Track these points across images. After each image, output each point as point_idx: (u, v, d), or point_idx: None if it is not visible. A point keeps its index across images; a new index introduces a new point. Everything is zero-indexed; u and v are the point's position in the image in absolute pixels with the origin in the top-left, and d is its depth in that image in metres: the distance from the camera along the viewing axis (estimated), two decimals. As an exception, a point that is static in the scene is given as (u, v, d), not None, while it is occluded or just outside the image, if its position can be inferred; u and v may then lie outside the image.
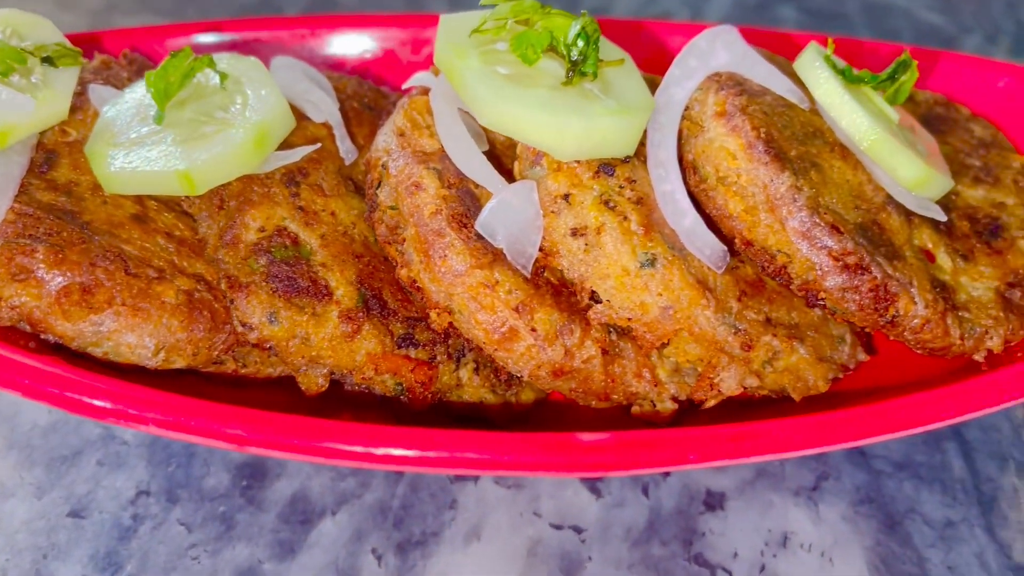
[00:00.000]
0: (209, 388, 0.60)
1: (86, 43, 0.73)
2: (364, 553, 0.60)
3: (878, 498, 0.65)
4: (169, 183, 0.55)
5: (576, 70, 0.56)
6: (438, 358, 0.60)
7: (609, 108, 0.56)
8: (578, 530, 0.62)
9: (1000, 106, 0.76)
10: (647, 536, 0.62)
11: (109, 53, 0.73)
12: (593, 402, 0.61)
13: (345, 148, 0.64)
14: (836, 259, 0.54)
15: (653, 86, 0.67)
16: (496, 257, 0.56)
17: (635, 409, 0.60)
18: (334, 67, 0.79)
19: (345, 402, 0.61)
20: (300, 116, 0.64)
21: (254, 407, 0.58)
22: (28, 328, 0.54)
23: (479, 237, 0.56)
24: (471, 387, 0.61)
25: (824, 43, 0.67)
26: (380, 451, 0.46)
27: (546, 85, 0.57)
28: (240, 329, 0.55)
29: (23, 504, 0.62)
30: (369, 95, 0.72)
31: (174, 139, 0.56)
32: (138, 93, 0.62)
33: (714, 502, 0.65)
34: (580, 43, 0.56)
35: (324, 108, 0.64)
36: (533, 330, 0.55)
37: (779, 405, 0.61)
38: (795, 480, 0.66)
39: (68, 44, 0.64)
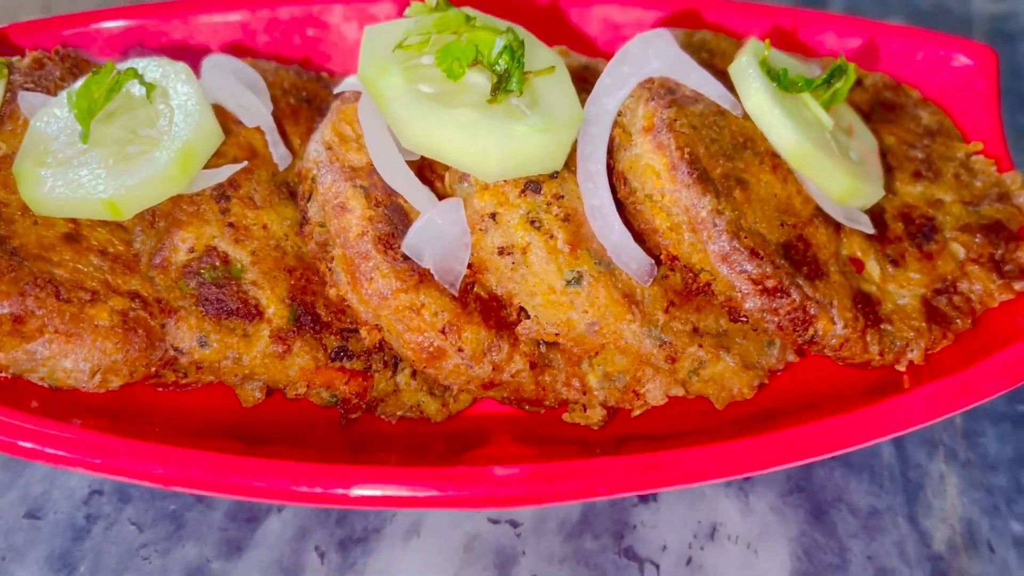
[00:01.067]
0: (150, 395, 0.61)
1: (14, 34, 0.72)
2: (308, 551, 0.63)
3: (808, 487, 0.68)
4: (95, 210, 0.56)
5: (500, 88, 0.56)
6: (374, 367, 0.61)
7: (535, 126, 0.56)
8: (514, 524, 0.65)
9: (953, 86, 0.75)
10: (580, 530, 0.65)
11: (40, 45, 0.71)
12: (526, 407, 0.62)
13: (279, 154, 0.64)
14: (755, 283, 0.55)
15: (591, 73, 0.67)
16: (423, 278, 0.56)
17: (566, 416, 0.62)
18: (273, 46, 0.77)
19: (287, 406, 0.63)
20: (233, 121, 0.64)
21: (196, 414, 0.60)
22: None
23: (405, 258, 0.56)
24: (409, 391, 0.63)
25: (770, 31, 0.66)
26: (301, 489, 0.48)
27: (471, 103, 0.56)
28: (172, 352, 0.57)
29: (-19, 505, 0.65)
30: (308, 87, 0.71)
31: (100, 161, 0.56)
32: (61, 103, 0.61)
33: (647, 494, 0.67)
34: (505, 59, 0.56)
35: (257, 113, 0.63)
36: (460, 350, 0.56)
37: (707, 411, 0.62)
38: (728, 470, 0.68)
39: (-6, 58, 0.63)
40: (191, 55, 0.71)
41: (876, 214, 0.63)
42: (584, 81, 0.67)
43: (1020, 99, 0.96)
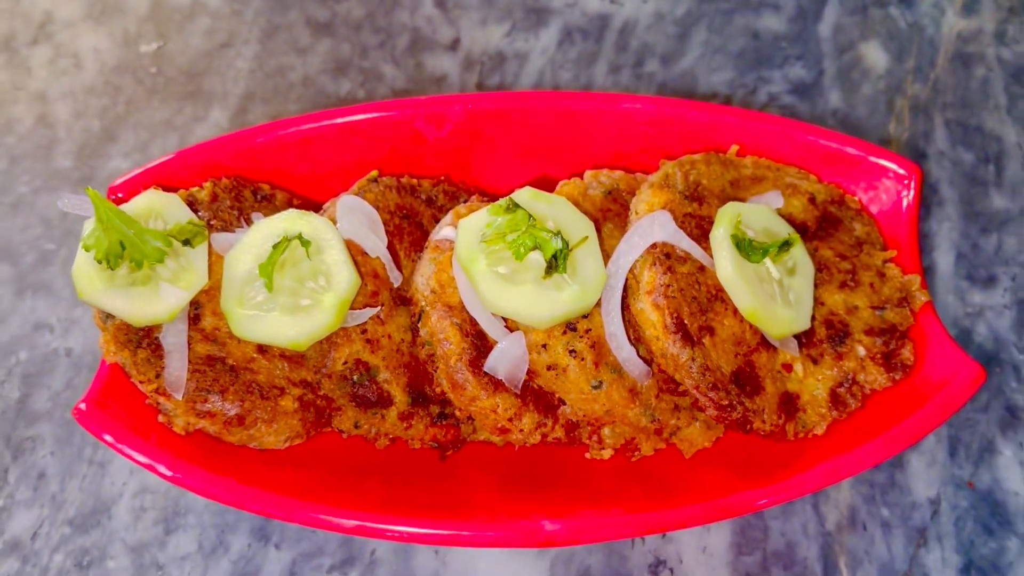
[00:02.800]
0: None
1: (169, 173, 0.97)
2: (417, 527, 0.98)
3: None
4: (282, 343, 0.85)
5: (552, 270, 0.83)
6: (460, 423, 0.93)
7: (573, 295, 0.83)
8: (551, 509, 0.98)
9: (887, 190, 1.00)
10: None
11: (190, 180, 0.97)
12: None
13: (394, 276, 0.92)
14: (713, 402, 0.84)
15: (615, 198, 0.93)
16: (497, 386, 0.86)
17: (587, 454, 0.94)
18: (366, 151, 1.02)
19: (403, 453, 0.95)
20: (360, 252, 0.91)
21: (344, 454, 0.92)
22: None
23: (486, 374, 0.86)
24: (482, 433, 0.95)
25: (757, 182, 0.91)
26: (378, 526, 0.81)
27: (531, 278, 0.83)
28: (339, 431, 0.88)
29: (201, 492, 0.99)
30: (406, 203, 0.97)
31: (281, 310, 0.85)
32: (244, 255, 0.88)
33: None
34: (555, 252, 0.82)
35: (377, 249, 0.90)
36: (521, 430, 0.88)
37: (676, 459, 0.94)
38: (696, 469, 1.01)
39: (196, 220, 0.89)
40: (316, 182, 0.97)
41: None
42: (615, 203, 0.94)
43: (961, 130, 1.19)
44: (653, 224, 0.86)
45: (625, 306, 0.88)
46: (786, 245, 0.87)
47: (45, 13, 1.30)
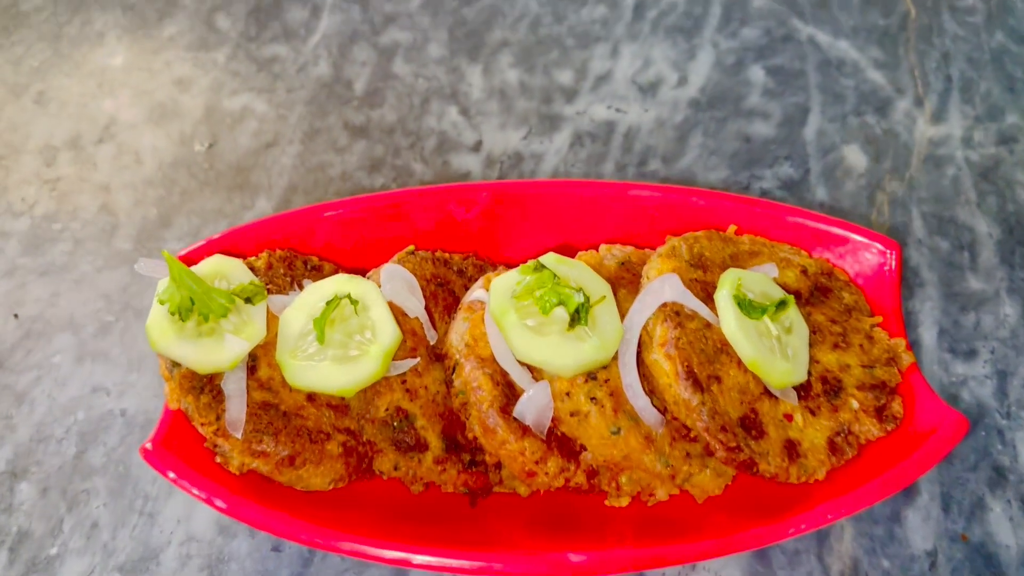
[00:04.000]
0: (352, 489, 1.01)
1: (232, 243, 1.09)
2: None
3: (756, 535, 1.07)
4: (335, 390, 0.94)
5: (574, 324, 0.93)
6: (489, 471, 1.01)
7: (594, 347, 0.93)
8: None
9: (871, 266, 1.11)
10: None
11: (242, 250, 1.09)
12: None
13: (431, 336, 1.01)
14: (722, 443, 0.93)
15: (628, 268, 1.04)
16: (525, 431, 0.95)
17: (607, 501, 1.01)
18: (403, 230, 1.14)
19: (436, 498, 1.02)
20: (401, 313, 1.01)
21: (380, 499, 1.00)
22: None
23: (515, 419, 0.95)
24: (508, 481, 1.02)
25: (752, 257, 1.02)
26: (419, 558, 0.88)
27: (556, 329, 0.94)
28: (379, 473, 0.96)
29: (244, 542, 1.06)
30: (440, 272, 1.08)
31: (331, 360, 0.94)
32: (298, 313, 0.98)
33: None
34: (577, 307, 0.93)
35: (416, 309, 1.01)
36: (546, 473, 0.96)
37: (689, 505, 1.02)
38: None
39: (257, 281, 1.00)
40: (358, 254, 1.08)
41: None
42: (627, 272, 1.05)
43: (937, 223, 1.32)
44: (663, 285, 0.97)
45: (640, 360, 0.98)
46: (782, 304, 0.97)
47: (110, 117, 1.44)
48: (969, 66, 1.54)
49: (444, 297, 1.07)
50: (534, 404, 0.95)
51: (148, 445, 0.93)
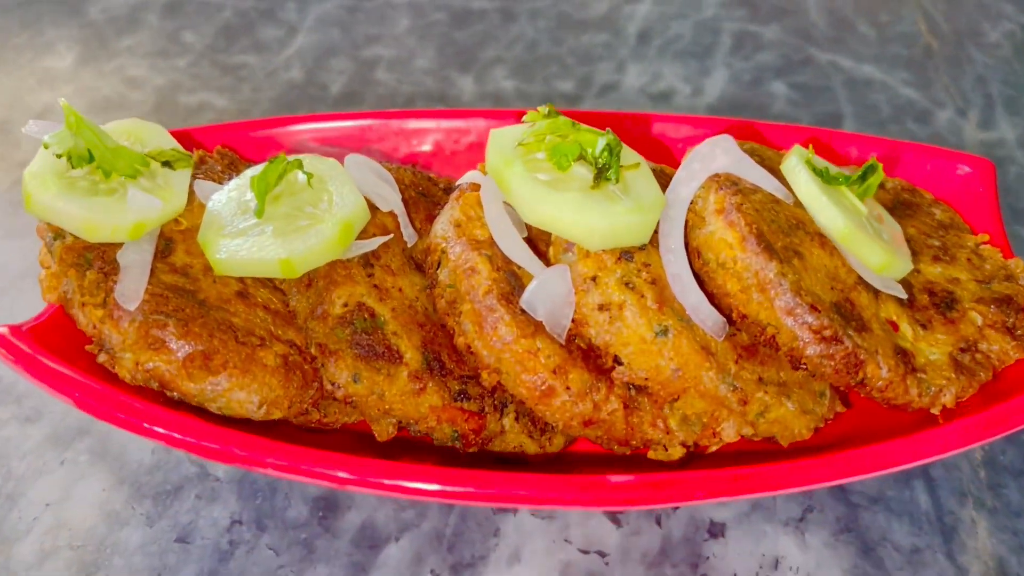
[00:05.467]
0: (297, 434, 0.72)
1: (180, 137, 0.87)
2: (424, 573, 0.72)
3: (855, 528, 0.77)
4: (272, 268, 0.68)
5: (602, 176, 0.69)
6: (486, 409, 0.72)
7: (628, 208, 0.69)
8: (602, 554, 0.74)
9: (959, 191, 0.89)
10: (660, 559, 0.74)
11: (202, 147, 0.86)
12: (615, 447, 0.73)
13: (408, 233, 0.77)
14: (815, 332, 0.66)
15: (661, 177, 0.80)
16: (537, 328, 0.68)
17: (651, 453, 0.72)
18: (389, 155, 0.92)
19: (408, 447, 0.73)
20: (371, 207, 0.77)
21: (334, 450, 0.70)
22: (156, 387, 0.66)
23: (523, 312, 0.68)
24: (512, 433, 0.74)
25: (807, 142, 0.80)
26: (454, 489, 0.58)
27: (577, 188, 0.69)
28: (329, 387, 0.68)
29: (136, 531, 0.74)
30: (422, 183, 0.85)
31: (274, 231, 0.69)
32: (236, 189, 0.75)
33: (716, 531, 0.77)
34: (605, 155, 0.69)
35: (390, 200, 0.77)
36: (568, 388, 0.68)
37: (770, 450, 0.73)
38: (785, 512, 0.78)
39: (181, 149, 0.77)
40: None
41: (905, 287, 0.75)
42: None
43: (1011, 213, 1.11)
44: (715, 149, 0.74)
45: (688, 252, 0.73)
46: (871, 171, 0.74)
47: (45, 106, 1.26)
48: (1007, 87, 1.41)
49: (426, 207, 0.83)
50: (547, 292, 0.69)
51: (3, 330, 0.65)
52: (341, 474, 0.59)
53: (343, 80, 1.33)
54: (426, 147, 0.93)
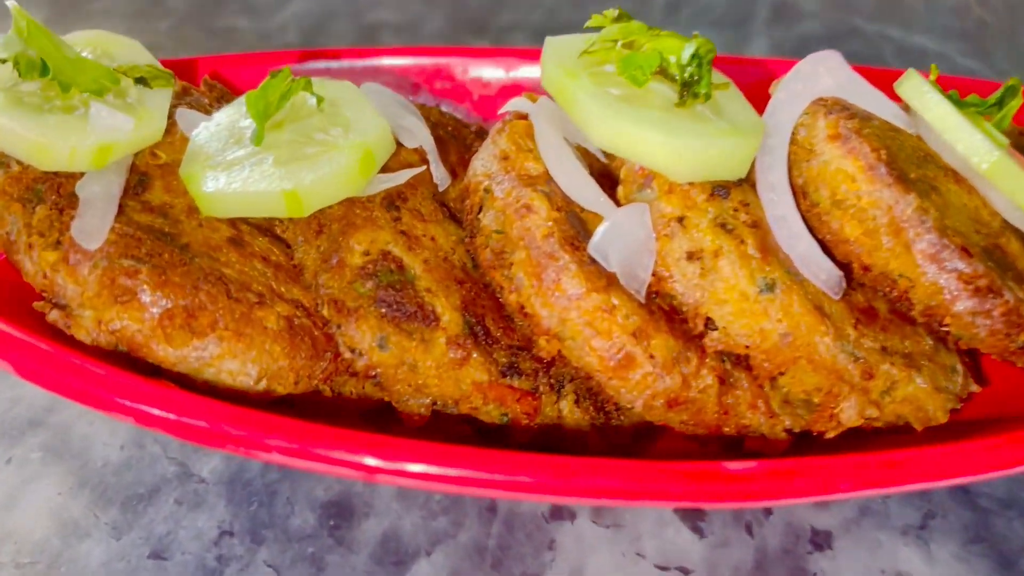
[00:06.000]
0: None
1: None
2: (464, 596, 0.57)
3: (989, 537, 0.63)
4: (273, 204, 0.53)
5: (689, 92, 0.55)
6: (540, 388, 0.57)
7: (723, 129, 0.55)
8: (685, 572, 0.59)
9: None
10: (757, 576, 0.59)
11: (187, 80, 0.71)
12: (700, 431, 0.58)
13: (439, 174, 0.62)
14: (966, 282, 0.52)
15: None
16: (610, 281, 0.54)
17: (749, 442, 0.58)
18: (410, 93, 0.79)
19: (444, 435, 0.59)
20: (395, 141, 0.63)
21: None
22: (124, 352, 0.51)
23: (592, 260, 0.54)
24: (571, 421, 0.59)
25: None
26: (523, 479, 0.44)
27: (658, 107, 0.55)
28: (348, 355, 0.53)
29: (100, 545, 0.59)
30: (451, 124, 0.71)
31: (275, 160, 0.55)
32: (228, 117, 0.60)
33: (821, 541, 0.62)
34: (693, 65, 0.55)
35: (418, 134, 0.63)
36: (651, 356, 0.53)
37: (892, 438, 0.59)
38: (900, 518, 0.63)
39: (159, 66, 0.62)
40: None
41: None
42: None
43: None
44: (818, 67, 0.60)
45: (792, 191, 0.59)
46: (1010, 92, 0.60)
47: None
48: (1077, 60, 1.28)
49: (457, 149, 0.69)
50: (621, 236, 0.54)
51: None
52: (370, 460, 0.44)
53: (345, 45, 1.19)
54: (448, 87, 0.79)
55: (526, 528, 0.61)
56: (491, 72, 0.80)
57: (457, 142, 0.69)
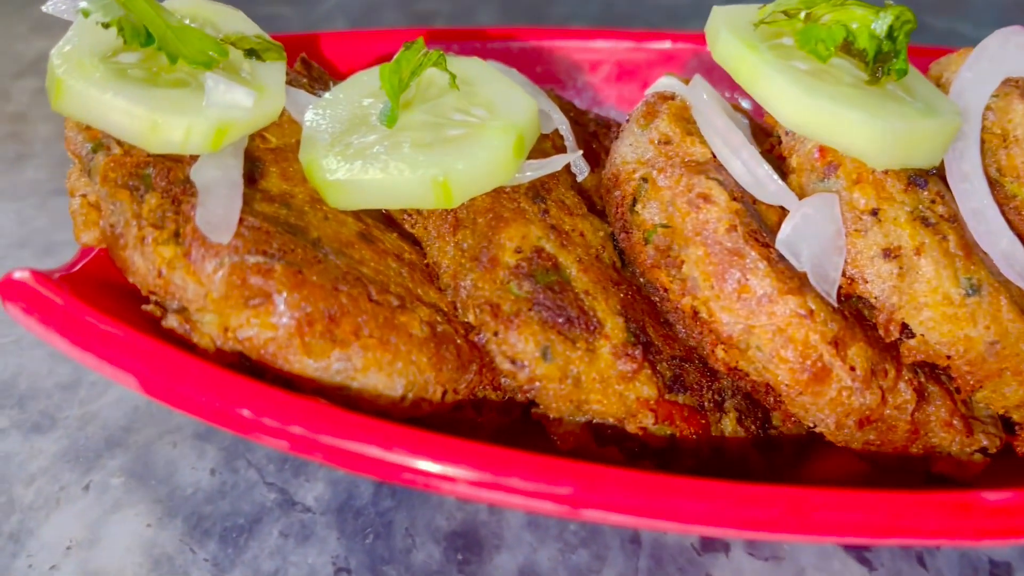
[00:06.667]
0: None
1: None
2: (621, 641, 0.50)
3: None
4: (418, 193, 0.46)
5: (884, 68, 0.49)
6: (705, 405, 0.51)
7: (922, 110, 0.48)
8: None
9: None
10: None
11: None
12: (885, 449, 0.51)
13: (578, 167, 0.55)
14: None
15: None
16: (802, 282, 0.47)
17: (938, 465, 0.51)
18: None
19: (593, 458, 0.51)
20: (524, 126, 0.56)
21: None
22: (251, 362, 0.44)
23: (780, 258, 0.47)
24: (734, 440, 0.52)
25: None
26: (761, 514, 0.37)
27: (848, 84, 0.49)
28: (507, 367, 0.46)
29: (200, 585, 0.51)
30: (571, 110, 0.64)
31: (413, 143, 0.47)
32: (345, 96, 0.53)
33: (1000, 573, 0.55)
34: (886, 39, 0.49)
35: (555, 117, 0.56)
36: (852, 368, 0.46)
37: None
38: (1086, 548, 0.57)
39: (268, 37, 0.55)
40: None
41: None
42: None
43: None
44: (1008, 44, 0.54)
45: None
46: None
47: (39, 54, 1.03)
48: None
49: (581, 136, 0.62)
50: (812, 231, 0.48)
51: (22, 274, 0.43)
52: (565, 491, 0.37)
53: (397, 34, 1.12)
54: (554, 69, 0.73)
55: (676, 562, 0.54)
56: (593, 55, 0.73)
57: (579, 128, 0.63)
